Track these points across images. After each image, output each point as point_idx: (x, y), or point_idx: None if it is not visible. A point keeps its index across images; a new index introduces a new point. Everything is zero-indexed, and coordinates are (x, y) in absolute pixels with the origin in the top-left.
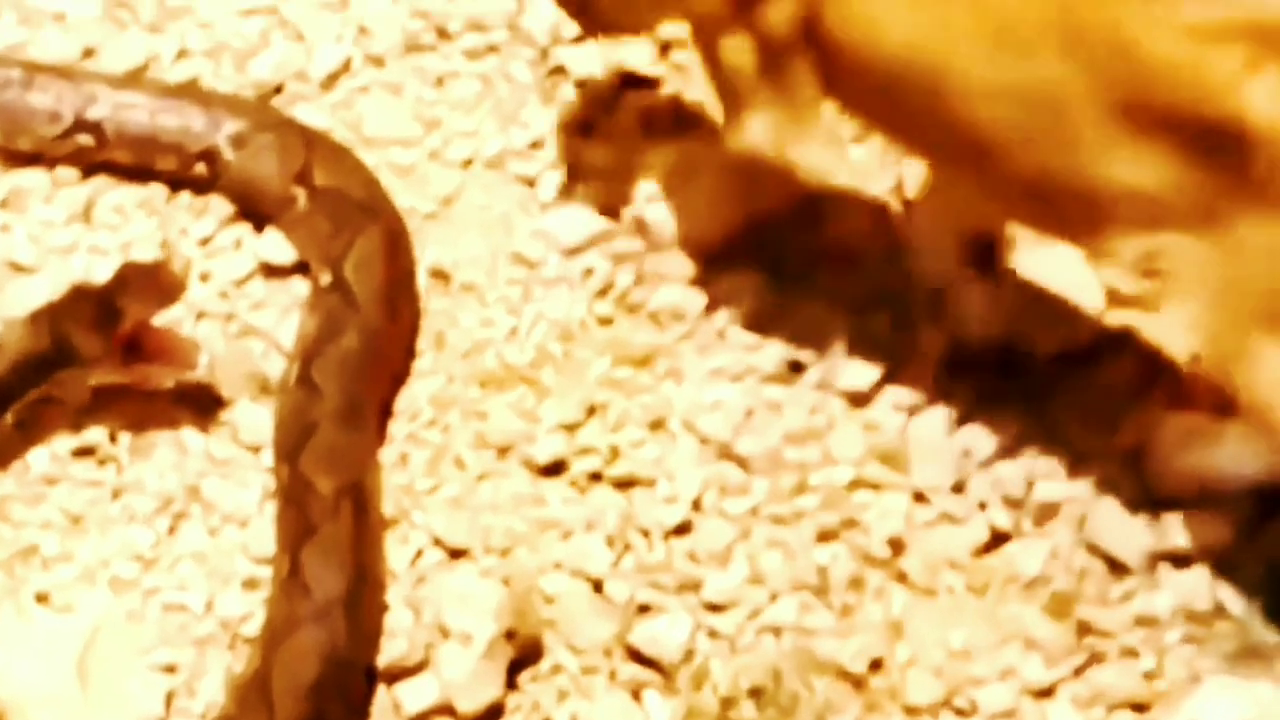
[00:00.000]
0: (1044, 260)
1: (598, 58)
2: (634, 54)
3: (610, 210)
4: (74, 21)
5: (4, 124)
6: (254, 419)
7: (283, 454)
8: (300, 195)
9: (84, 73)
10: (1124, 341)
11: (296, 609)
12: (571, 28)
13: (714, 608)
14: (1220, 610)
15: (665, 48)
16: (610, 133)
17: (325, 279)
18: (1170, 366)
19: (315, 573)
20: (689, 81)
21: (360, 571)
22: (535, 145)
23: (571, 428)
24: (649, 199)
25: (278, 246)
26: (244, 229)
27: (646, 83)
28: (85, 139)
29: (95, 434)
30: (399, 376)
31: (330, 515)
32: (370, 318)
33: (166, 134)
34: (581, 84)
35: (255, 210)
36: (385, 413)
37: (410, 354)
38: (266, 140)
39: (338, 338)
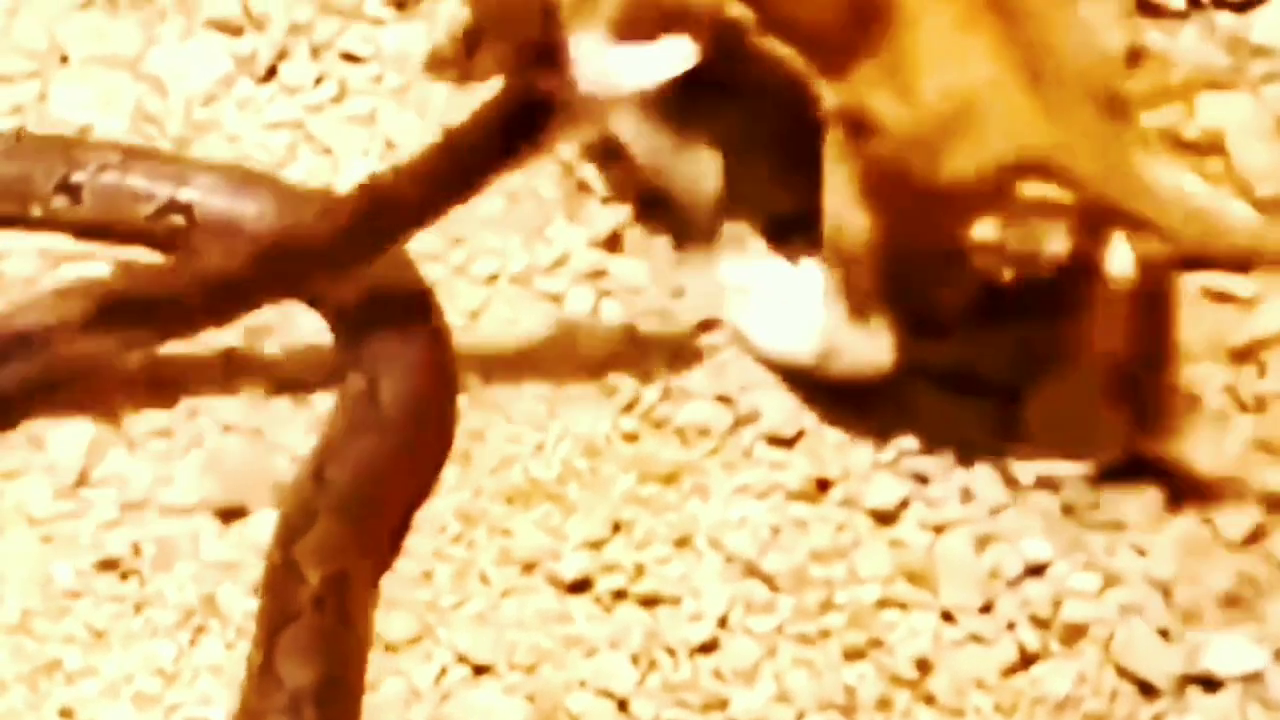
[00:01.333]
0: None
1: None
2: None
3: None
4: (101, 134)
5: (103, 205)
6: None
7: (278, 541)
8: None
9: (178, 156)
10: (1151, 466)
11: (266, 702)
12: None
13: None
14: None
15: None
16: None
17: (358, 380)
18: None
19: (288, 663)
20: None
21: (337, 666)
22: (561, 262)
23: (597, 544)
24: None
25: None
26: None
27: None
28: (177, 219)
29: (118, 546)
30: (422, 488)
31: (313, 606)
32: (396, 423)
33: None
34: (607, 200)
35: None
36: (401, 522)
37: (439, 467)
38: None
39: (358, 439)
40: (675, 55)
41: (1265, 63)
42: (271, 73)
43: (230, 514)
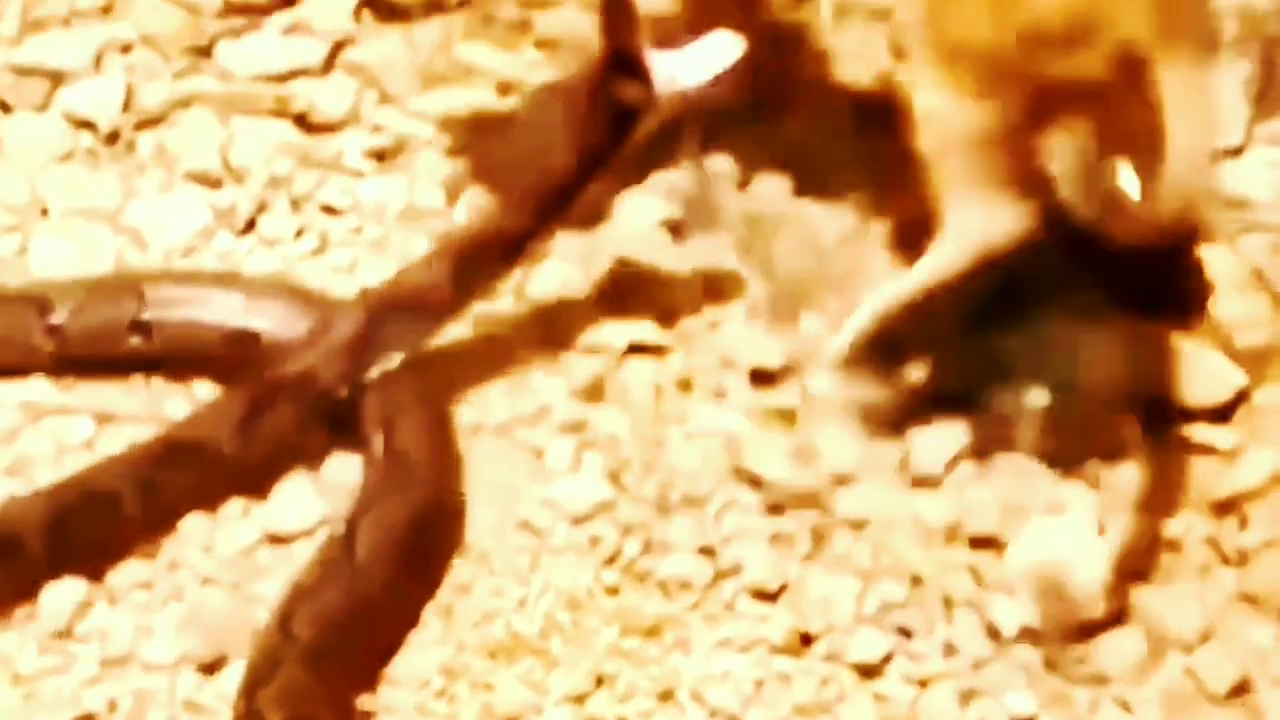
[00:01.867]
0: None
1: (606, 327)
2: (639, 326)
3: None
4: None
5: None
6: None
7: (243, 689)
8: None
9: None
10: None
11: None
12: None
13: None
14: None
15: (671, 316)
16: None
17: (338, 527)
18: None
19: None
20: (694, 350)
21: None
22: (542, 413)
23: (580, 699)
24: None
25: (283, 514)
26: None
27: (654, 350)
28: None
29: (96, 702)
30: (394, 640)
31: None
32: (370, 574)
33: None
34: (587, 351)
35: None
36: (371, 672)
37: (414, 620)
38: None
39: (328, 589)
40: (725, 50)
41: (1241, 215)
42: (251, 225)
43: (209, 666)
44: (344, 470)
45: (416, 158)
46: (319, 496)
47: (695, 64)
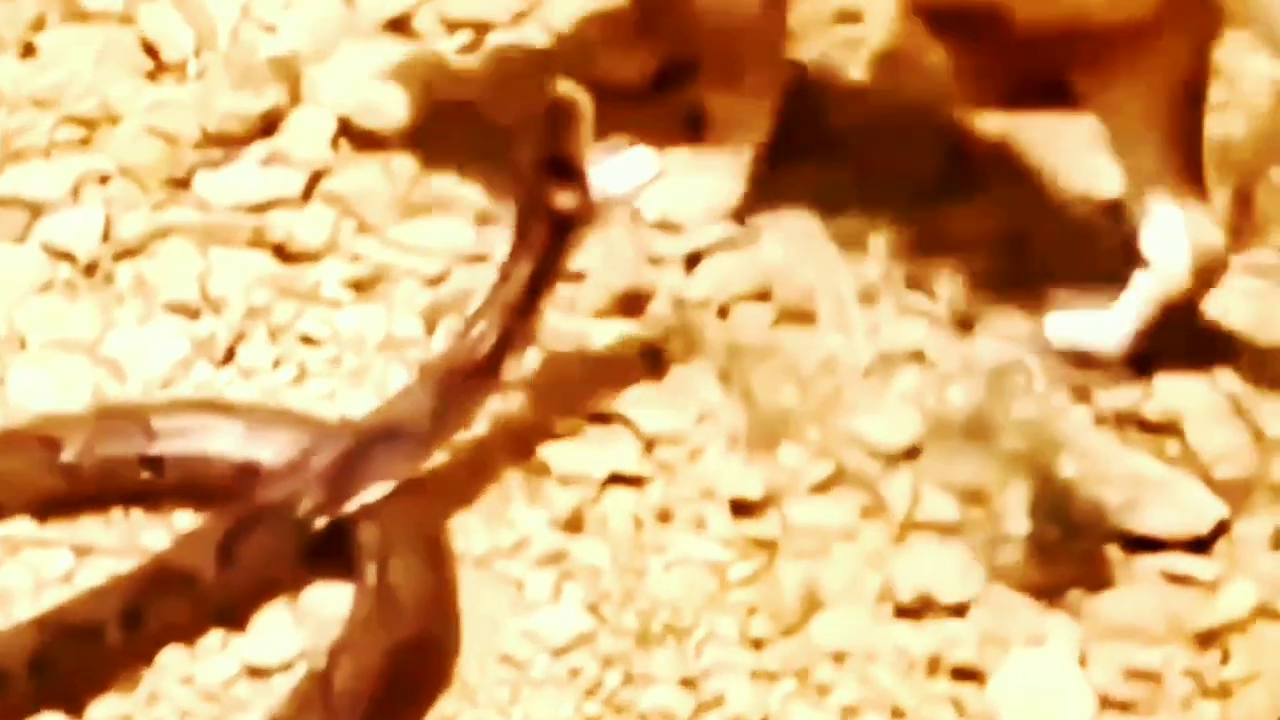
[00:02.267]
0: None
1: (582, 454)
2: (621, 452)
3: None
4: None
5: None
6: None
7: None
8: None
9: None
10: None
11: None
12: (556, 423)
13: None
14: None
15: (650, 445)
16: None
17: (318, 663)
18: None
19: None
20: (674, 480)
21: None
22: (521, 545)
23: None
24: None
25: (263, 646)
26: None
27: (633, 481)
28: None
29: None
30: None
31: None
32: (345, 708)
33: None
34: (566, 482)
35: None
36: None
37: None
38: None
39: None
40: (648, 164)
41: (1219, 345)
42: (230, 355)
43: None
44: (325, 601)
45: (395, 287)
46: (299, 628)
47: (622, 174)
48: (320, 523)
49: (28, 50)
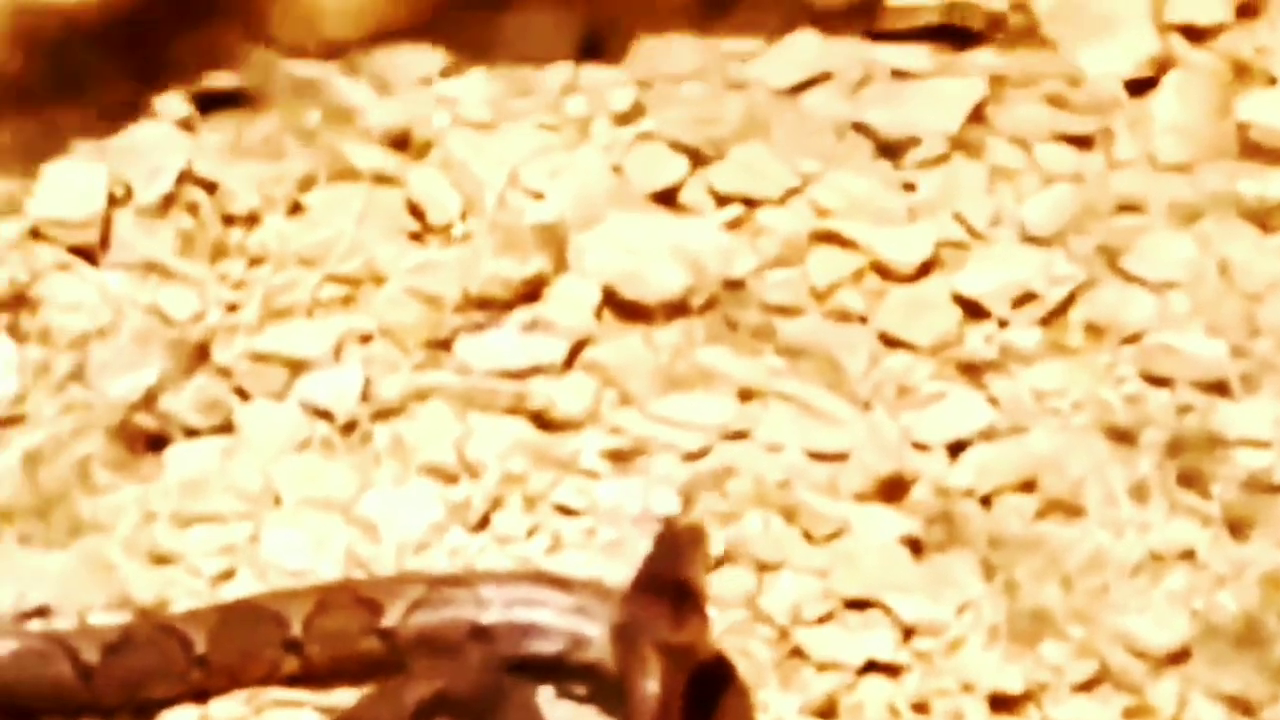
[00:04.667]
0: None
1: (839, 640)
2: (878, 640)
3: None
4: (313, 579)
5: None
6: None
7: None
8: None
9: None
10: None
11: None
12: (813, 608)
13: None
14: None
15: (909, 633)
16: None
17: None
18: None
19: None
20: (931, 670)
21: None
22: None
23: None
24: None
25: None
26: None
27: (890, 669)
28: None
29: None
30: None
31: None
32: None
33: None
34: (822, 667)
35: None
36: None
37: None
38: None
39: None
40: None
41: None
42: (484, 522)
43: None
44: None
45: (654, 461)
46: None
47: None
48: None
49: (295, 209)
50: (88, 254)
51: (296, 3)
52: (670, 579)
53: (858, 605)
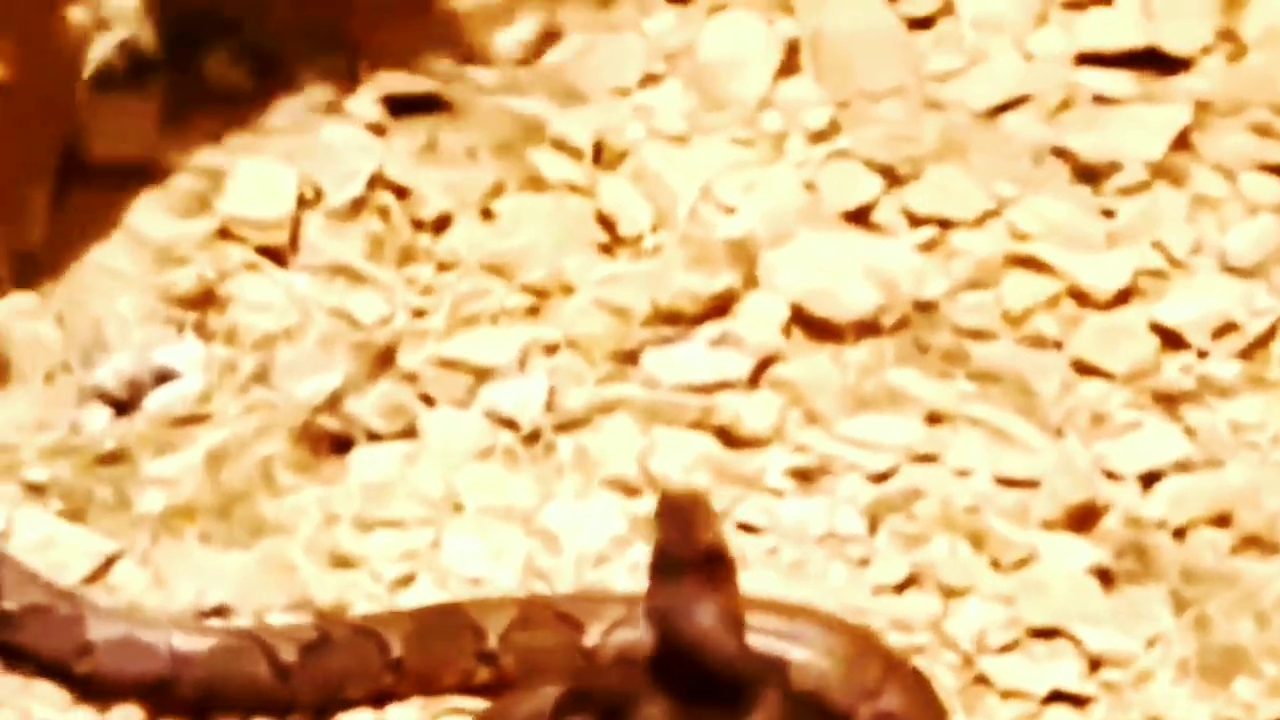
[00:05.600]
0: None
1: (1025, 669)
2: (1064, 670)
3: None
4: (491, 588)
5: None
6: None
7: None
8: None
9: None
10: None
11: None
12: (999, 636)
13: None
14: None
15: (1096, 664)
16: None
17: None
18: None
19: None
20: (1118, 703)
21: None
22: None
23: None
24: None
25: None
26: None
27: (1076, 700)
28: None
29: None
30: None
31: None
32: None
33: None
34: (1007, 696)
35: None
36: None
37: None
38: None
39: None
40: None
41: None
42: None
43: None
44: None
45: (839, 481)
46: None
47: None
48: None
49: (485, 215)
50: (276, 255)
51: (488, 10)
52: (691, 549)
53: (1044, 634)
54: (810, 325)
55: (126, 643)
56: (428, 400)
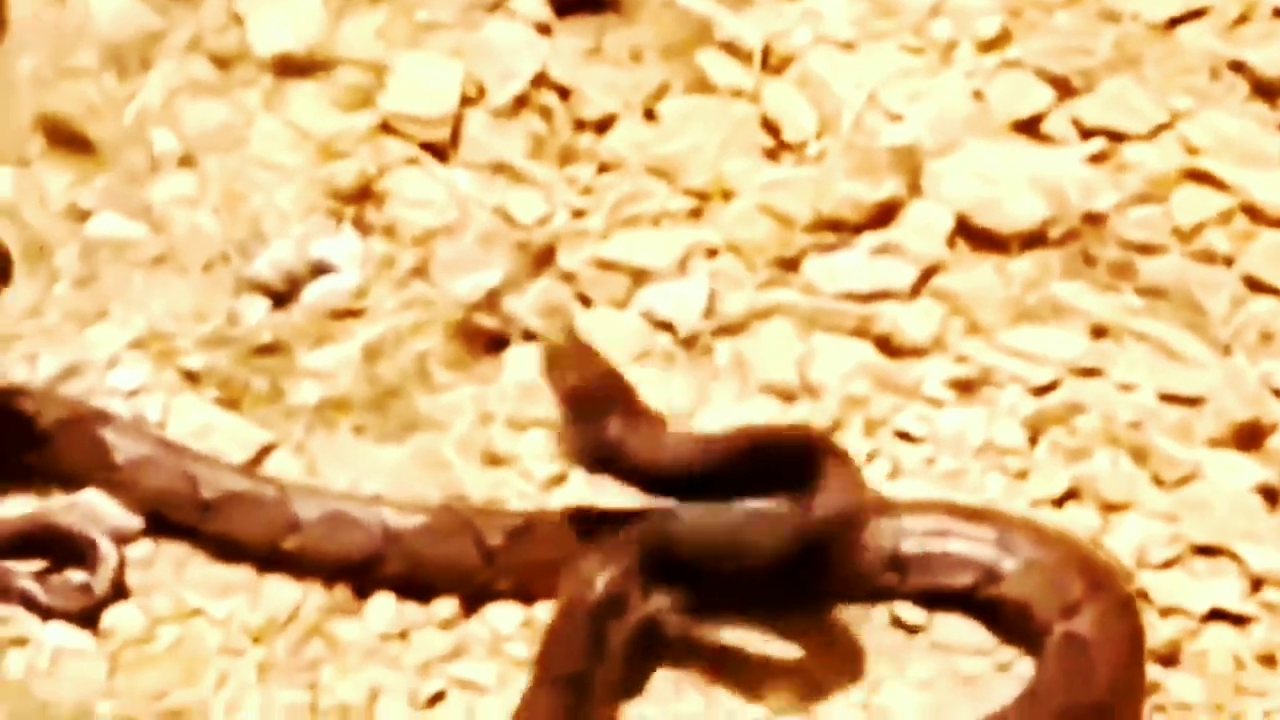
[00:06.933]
0: None
1: (1185, 586)
2: (1225, 588)
3: None
4: None
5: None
6: None
7: None
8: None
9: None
10: None
11: None
12: (1159, 552)
13: None
14: None
15: (1258, 584)
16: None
17: None
18: None
19: None
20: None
21: None
22: None
23: None
24: None
25: None
26: None
27: (1237, 619)
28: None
29: None
30: None
31: None
32: None
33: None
34: (1166, 613)
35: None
36: None
37: None
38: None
39: None
40: None
41: None
42: None
43: None
44: None
45: (1000, 392)
46: None
47: None
48: None
49: (649, 117)
50: (438, 151)
51: None
52: (592, 386)
53: (1206, 552)
54: (974, 236)
55: (336, 518)
56: (585, 301)
